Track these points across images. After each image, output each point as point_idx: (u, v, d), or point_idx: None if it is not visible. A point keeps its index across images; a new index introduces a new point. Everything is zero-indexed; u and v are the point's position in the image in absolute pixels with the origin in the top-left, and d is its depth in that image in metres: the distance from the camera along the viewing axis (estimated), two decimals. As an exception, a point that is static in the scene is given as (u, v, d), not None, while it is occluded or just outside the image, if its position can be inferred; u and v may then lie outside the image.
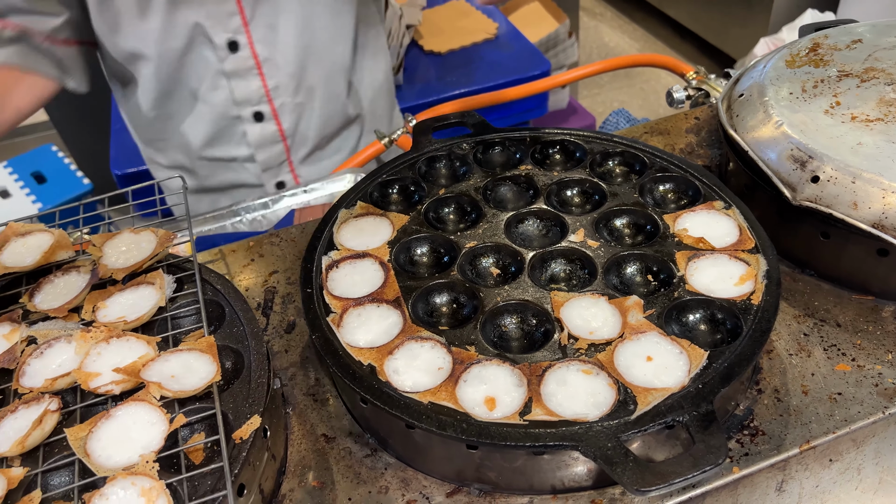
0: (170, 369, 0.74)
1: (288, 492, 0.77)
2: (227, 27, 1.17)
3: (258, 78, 1.24)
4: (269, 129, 1.32)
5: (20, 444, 0.69)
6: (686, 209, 0.91)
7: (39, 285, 0.88)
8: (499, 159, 1.05)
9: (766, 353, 0.85)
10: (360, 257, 0.88)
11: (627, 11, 4.70)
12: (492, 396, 0.72)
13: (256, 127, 1.31)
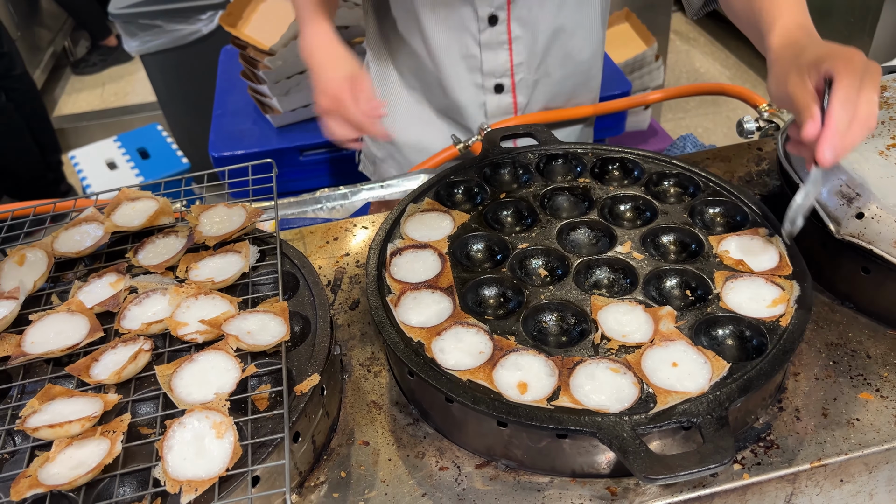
0: (247, 326, 0.85)
1: (336, 446, 0.86)
2: (493, 3, 1.28)
3: (507, 53, 1.34)
4: (506, 101, 1.42)
5: (117, 375, 0.81)
6: (731, 233, 0.96)
7: (143, 244, 1.01)
8: (560, 170, 1.13)
9: (792, 375, 0.89)
10: (421, 247, 0.98)
11: (722, 38, 4.66)
12: (524, 382, 0.80)
13: (495, 98, 1.41)
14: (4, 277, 0.96)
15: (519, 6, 1.30)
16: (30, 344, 0.87)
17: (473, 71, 1.38)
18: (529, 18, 1.32)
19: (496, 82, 1.40)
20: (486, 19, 1.31)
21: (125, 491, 0.73)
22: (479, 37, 1.33)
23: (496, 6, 1.29)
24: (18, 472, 0.74)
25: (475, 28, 1.33)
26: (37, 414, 0.78)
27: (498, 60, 1.37)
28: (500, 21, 1.31)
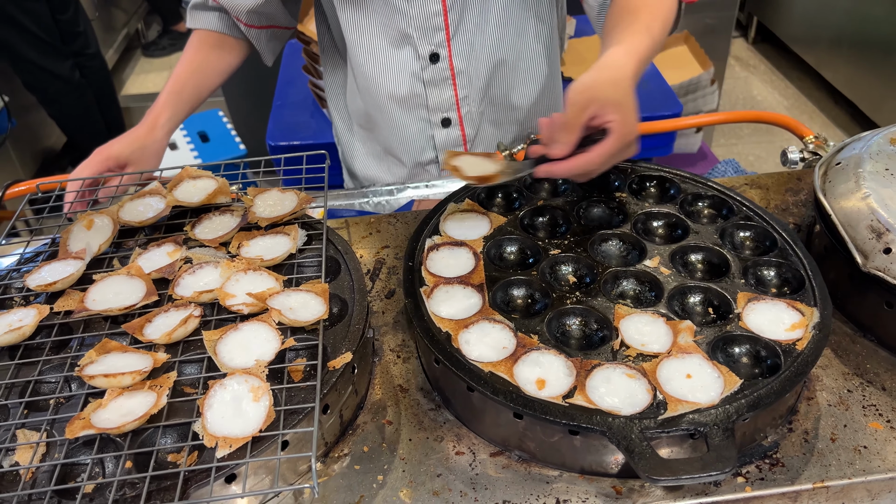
0: (289, 303, 0.91)
1: (362, 423, 0.92)
2: (432, 41, 1.31)
3: (451, 88, 1.38)
4: (454, 135, 1.46)
5: (167, 336, 0.88)
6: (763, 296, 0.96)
7: (200, 219, 1.08)
8: (598, 183, 1.17)
9: (806, 399, 0.92)
10: (457, 245, 1.03)
11: (783, 68, 4.61)
12: (543, 378, 0.84)
13: (443, 132, 1.45)
14: (73, 239, 1.05)
15: (458, 41, 1.33)
16: (91, 301, 0.94)
17: (419, 108, 1.42)
18: (471, 53, 1.35)
19: (443, 116, 1.44)
20: (427, 57, 1.34)
21: (166, 441, 0.80)
22: (422, 75, 1.37)
23: (436, 44, 1.32)
24: (73, 414, 0.81)
25: (417, 67, 1.36)
26: (93, 364, 0.86)
27: (443, 96, 1.40)
28: (442, 58, 1.34)
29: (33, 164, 3.72)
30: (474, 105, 1.42)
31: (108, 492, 0.74)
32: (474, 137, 1.48)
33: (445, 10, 1.27)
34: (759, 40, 4.91)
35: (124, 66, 5.05)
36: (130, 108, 4.38)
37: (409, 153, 1.51)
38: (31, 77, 3.44)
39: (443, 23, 1.28)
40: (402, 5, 1.27)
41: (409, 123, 1.45)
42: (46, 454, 0.80)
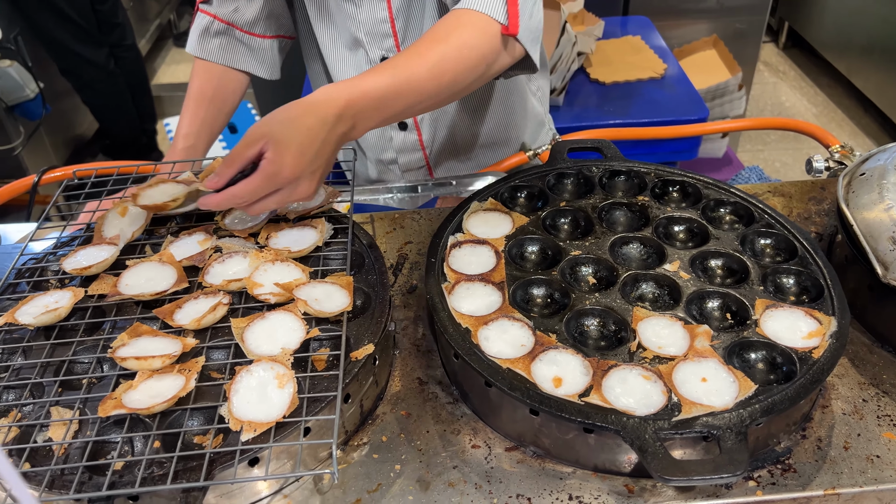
0: (315, 294, 0.94)
1: (381, 413, 0.94)
2: (382, 46, 1.34)
3: None
4: (411, 138, 1.48)
5: (196, 322, 0.91)
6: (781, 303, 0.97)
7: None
8: (621, 186, 1.18)
9: (820, 407, 0.93)
10: (480, 243, 1.05)
11: (813, 75, 4.56)
12: (559, 377, 0.86)
13: (401, 135, 1.48)
14: (108, 225, 1.08)
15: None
16: (124, 286, 0.98)
17: None
18: None
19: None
20: (377, 61, 1.36)
21: (193, 423, 0.83)
22: None
23: (385, 48, 1.34)
24: (105, 394, 0.84)
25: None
26: (125, 347, 0.89)
27: None
28: None
29: (65, 150, 3.79)
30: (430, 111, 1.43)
31: (137, 470, 0.77)
32: (432, 142, 1.50)
33: (392, 17, 1.29)
34: (790, 46, 4.86)
35: (156, 56, 5.12)
36: (162, 97, 4.45)
37: (371, 150, 1.55)
38: (67, 63, 3.51)
39: (390, 29, 1.30)
40: (352, 10, 1.30)
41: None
42: (79, 431, 0.83)
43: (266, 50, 1.43)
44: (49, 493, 0.76)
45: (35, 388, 0.88)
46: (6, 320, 0.93)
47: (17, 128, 3.23)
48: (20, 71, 3.11)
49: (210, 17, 1.37)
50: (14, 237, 1.50)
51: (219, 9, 1.37)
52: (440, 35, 1.04)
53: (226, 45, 1.40)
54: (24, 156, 3.26)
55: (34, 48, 3.33)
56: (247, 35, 1.39)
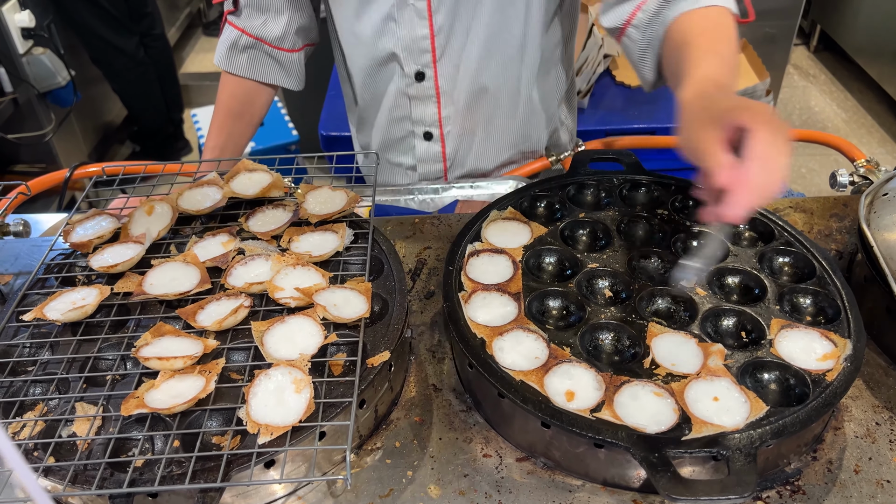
0: (334, 299, 0.96)
1: (395, 419, 0.96)
2: (418, 61, 1.35)
3: (435, 105, 1.41)
4: (434, 149, 1.50)
5: (218, 324, 0.93)
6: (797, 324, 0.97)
7: (254, 212, 1.13)
8: (641, 199, 1.18)
9: (832, 429, 0.93)
10: (497, 252, 1.06)
11: (843, 79, 4.50)
12: (572, 391, 0.87)
13: (424, 144, 1.49)
14: (134, 224, 1.11)
15: (444, 64, 1.36)
16: (149, 285, 1.00)
17: (403, 120, 1.46)
18: (455, 76, 1.38)
19: (425, 130, 1.47)
20: (412, 76, 1.37)
21: (212, 424, 0.85)
22: (406, 91, 1.40)
23: (422, 64, 1.35)
24: (127, 392, 0.87)
25: (403, 83, 1.40)
26: (148, 346, 0.91)
27: (427, 111, 1.43)
28: (428, 77, 1.37)
29: (95, 137, 3.85)
30: (456, 125, 1.45)
31: (157, 468, 0.79)
32: (454, 155, 1.51)
33: (433, 34, 1.30)
34: (821, 49, 4.79)
35: (185, 45, 5.18)
36: (189, 86, 4.50)
37: (391, 154, 1.57)
38: (98, 52, 3.56)
39: (430, 45, 1.32)
40: (391, 27, 1.31)
41: (393, 130, 1.50)
42: (102, 427, 0.86)
43: (294, 63, 1.46)
44: (72, 487, 0.79)
45: (61, 383, 0.91)
46: (35, 315, 0.96)
47: (48, 114, 3.29)
48: (52, 58, 3.17)
49: (238, 32, 1.39)
50: (44, 226, 1.53)
51: (247, 22, 1.38)
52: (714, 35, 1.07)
53: (254, 59, 1.42)
54: (54, 142, 3.33)
55: (66, 36, 3.38)
56: (275, 50, 1.41)
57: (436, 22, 1.29)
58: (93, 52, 3.58)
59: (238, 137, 1.43)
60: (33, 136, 3.24)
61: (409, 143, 1.51)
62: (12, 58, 3.07)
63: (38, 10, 3.11)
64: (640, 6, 1.16)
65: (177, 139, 4.06)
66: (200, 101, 4.48)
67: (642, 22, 1.16)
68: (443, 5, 1.27)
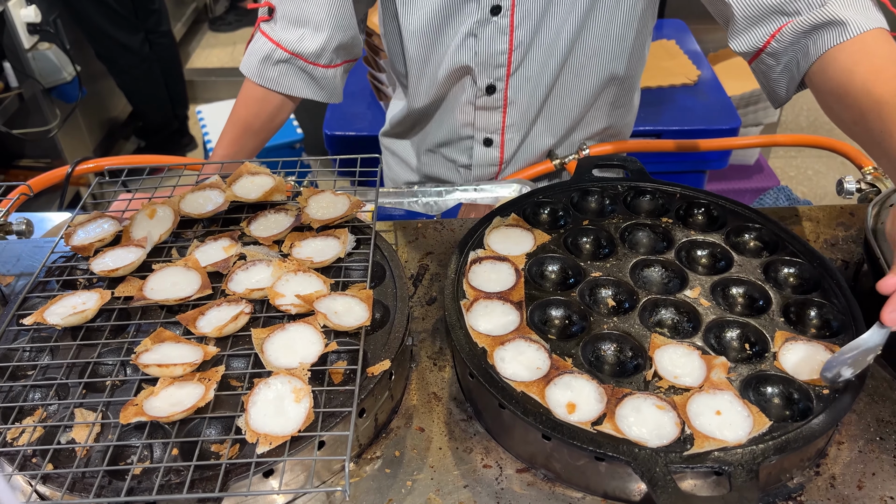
0: (335, 307, 0.95)
1: (395, 427, 0.95)
2: (492, 75, 1.33)
3: (501, 114, 1.40)
4: (492, 154, 1.49)
5: (218, 330, 0.93)
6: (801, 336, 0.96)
7: (256, 216, 1.12)
8: (645, 206, 1.17)
9: (836, 443, 0.92)
10: (500, 260, 1.05)
11: (852, 80, 4.46)
12: (573, 403, 0.86)
13: (483, 149, 1.49)
14: (136, 227, 1.10)
15: (517, 77, 1.35)
16: (150, 290, 1.00)
17: (466, 127, 1.46)
18: (526, 87, 1.37)
19: (486, 136, 1.47)
20: (483, 89, 1.36)
21: (211, 432, 0.85)
22: (475, 101, 1.40)
23: (495, 78, 1.34)
24: (127, 398, 0.86)
25: (472, 94, 1.39)
26: (148, 352, 0.91)
27: (491, 120, 1.43)
28: (498, 90, 1.37)
29: (100, 133, 3.85)
30: (518, 132, 1.45)
31: (155, 476, 0.79)
32: (510, 160, 1.51)
33: (511, 49, 1.29)
34: (830, 50, 4.76)
35: (191, 40, 5.17)
36: (195, 81, 4.50)
37: (448, 151, 1.56)
38: (104, 48, 3.56)
39: (506, 60, 1.30)
40: (471, 42, 1.29)
41: (454, 132, 1.50)
42: (100, 434, 0.85)
43: (330, 78, 1.37)
44: (70, 495, 0.79)
45: (61, 388, 0.90)
46: (35, 319, 0.96)
47: (53, 110, 3.29)
48: (58, 54, 3.17)
49: (273, 45, 1.30)
50: (47, 225, 1.53)
51: (282, 34, 1.29)
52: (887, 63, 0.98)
53: (286, 73, 1.33)
54: (59, 138, 3.33)
55: (72, 31, 3.38)
56: (310, 66, 1.33)
57: (516, 38, 1.28)
58: (98, 49, 3.58)
59: (250, 151, 1.39)
60: (38, 131, 3.24)
61: (467, 145, 1.50)
62: (18, 53, 3.07)
63: (44, 6, 3.11)
64: (775, 35, 1.08)
65: (182, 135, 4.06)
66: (206, 96, 4.49)
67: (777, 51, 1.09)
68: (526, 21, 1.26)
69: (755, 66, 1.16)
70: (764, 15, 1.07)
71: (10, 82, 3.09)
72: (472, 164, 1.53)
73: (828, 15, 1.00)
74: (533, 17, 1.26)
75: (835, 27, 1.00)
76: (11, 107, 3.10)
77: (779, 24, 1.07)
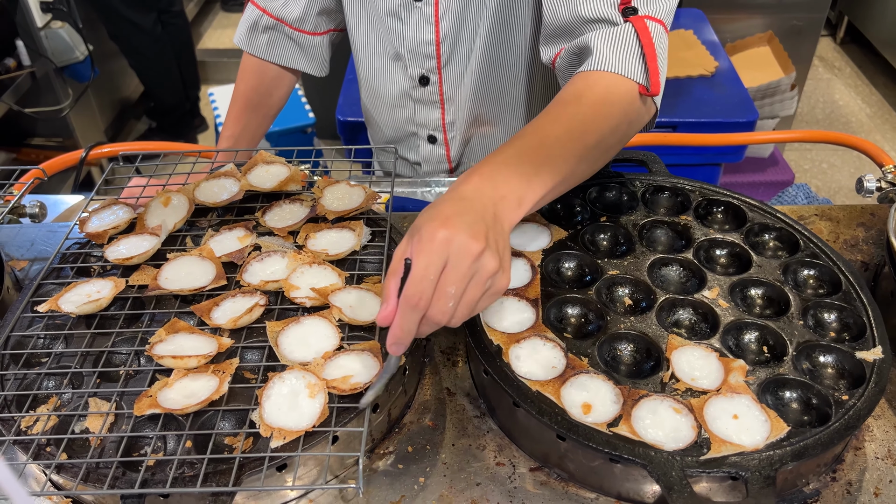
0: (349, 300, 0.94)
1: (408, 422, 0.95)
2: (423, 66, 1.32)
3: (439, 110, 1.39)
4: (438, 152, 1.47)
5: (233, 322, 0.93)
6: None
7: (271, 206, 1.12)
8: (664, 203, 1.16)
9: (853, 448, 0.91)
10: (516, 255, 1.04)
11: (869, 73, 4.42)
12: (589, 403, 0.85)
13: (428, 146, 1.47)
14: (150, 215, 1.10)
15: (449, 71, 1.32)
16: (164, 279, 0.99)
17: (408, 122, 1.44)
18: (459, 83, 1.34)
19: (429, 133, 1.44)
20: (416, 79, 1.34)
21: (225, 425, 0.85)
22: (411, 93, 1.38)
23: (427, 69, 1.32)
24: (141, 389, 0.86)
25: (408, 85, 1.37)
26: (162, 343, 0.90)
27: (430, 116, 1.41)
28: (432, 83, 1.34)
29: (111, 112, 3.84)
30: (460, 131, 1.43)
31: (169, 469, 0.79)
32: (459, 157, 1.49)
33: (438, 41, 1.27)
34: (848, 41, 4.71)
35: (203, 20, 5.14)
36: (206, 62, 4.48)
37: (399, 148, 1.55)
38: (116, 27, 3.54)
39: (434, 52, 1.29)
40: (397, 26, 1.28)
41: (398, 128, 1.48)
42: (114, 424, 0.85)
43: (316, 47, 1.43)
44: (84, 485, 0.79)
45: (75, 377, 0.90)
46: (49, 307, 0.96)
47: (65, 89, 3.28)
48: (71, 33, 3.15)
49: (259, 11, 1.37)
50: (60, 207, 1.53)
51: (268, 2, 1.36)
52: (570, 97, 0.95)
53: (274, 42, 1.39)
54: (71, 117, 3.32)
55: (85, 10, 3.36)
56: (296, 32, 1.38)
57: (442, 29, 1.26)
58: (110, 28, 3.56)
59: (255, 128, 1.42)
60: (50, 110, 3.24)
61: (414, 142, 1.49)
62: (31, 31, 3.05)
63: (57, -16, 3.10)
64: (559, 54, 1.07)
65: (193, 116, 4.05)
66: (218, 77, 4.47)
67: (560, 68, 1.08)
68: (449, 12, 1.24)
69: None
70: (563, 29, 1.04)
71: (22, 61, 3.08)
72: (420, 160, 1.51)
73: (589, 42, 0.98)
74: (455, 9, 1.24)
75: (588, 55, 0.98)
76: (24, 85, 3.10)
77: (564, 43, 1.05)
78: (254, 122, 1.42)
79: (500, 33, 1.28)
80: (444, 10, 1.24)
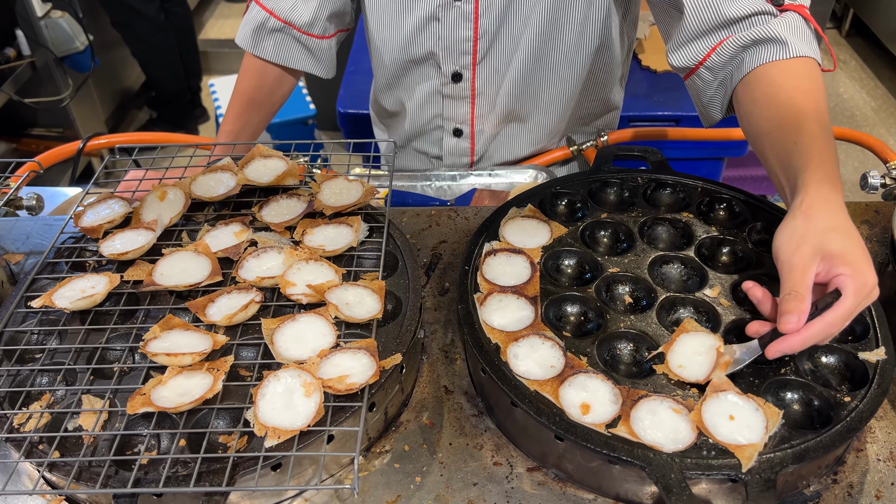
0: (346, 297, 0.93)
1: (405, 421, 0.94)
2: (458, 62, 1.30)
3: (469, 105, 1.37)
4: (463, 145, 1.46)
5: (228, 319, 0.91)
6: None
7: (268, 201, 1.10)
8: (666, 200, 1.15)
9: (855, 450, 0.90)
10: (515, 252, 1.03)
11: (874, 66, 4.38)
12: (588, 403, 0.84)
13: (453, 140, 1.46)
14: (146, 209, 1.09)
15: (484, 66, 1.31)
16: (159, 275, 0.98)
17: (434, 116, 1.43)
18: (494, 79, 1.33)
19: (456, 127, 1.43)
20: (449, 76, 1.33)
21: (219, 424, 0.84)
22: (441, 90, 1.37)
23: (461, 66, 1.31)
24: (135, 386, 0.85)
25: (438, 82, 1.36)
26: (157, 340, 0.89)
27: (460, 111, 1.40)
28: (465, 79, 1.34)
29: (112, 102, 3.83)
30: (489, 124, 1.42)
31: (162, 468, 0.78)
32: (483, 151, 1.48)
33: (476, 37, 1.26)
34: (853, 34, 4.66)
35: (205, 10, 5.11)
36: (208, 52, 4.46)
37: (419, 143, 1.53)
38: (119, 15, 3.53)
39: (471, 48, 1.27)
40: (434, 26, 1.26)
41: (424, 122, 1.47)
42: (108, 422, 0.84)
43: (325, 50, 1.39)
44: (77, 484, 0.78)
45: (68, 373, 0.89)
46: (43, 302, 0.95)
47: (65, 80, 3.26)
48: (71, 23, 3.13)
49: (266, 13, 1.32)
50: (57, 200, 1.52)
51: (275, 3, 1.31)
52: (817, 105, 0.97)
53: (282, 44, 1.35)
54: (72, 107, 3.31)
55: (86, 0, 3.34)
56: (304, 35, 1.34)
57: (481, 25, 1.25)
58: (113, 16, 3.54)
59: (255, 126, 1.40)
60: (51, 100, 3.22)
61: (437, 136, 1.47)
62: (31, 21, 3.03)
63: (57, -27, 3.08)
64: (716, 48, 1.06)
65: (194, 106, 4.03)
66: (219, 68, 4.44)
67: (717, 64, 1.07)
68: (490, 9, 1.23)
69: (690, 81, 1.14)
70: (711, 29, 1.07)
71: (22, 51, 3.06)
72: (442, 154, 1.50)
73: (770, 32, 1.00)
74: (497, 5, 1.23)
75: (775, 44, 1.00)
76: (24, 76, 3.08)
77: (720, 37, 1.06)
78: (254, 120, 1.40)
79: (549, 33, 1.26)
80: (486, 7, 1.23)
